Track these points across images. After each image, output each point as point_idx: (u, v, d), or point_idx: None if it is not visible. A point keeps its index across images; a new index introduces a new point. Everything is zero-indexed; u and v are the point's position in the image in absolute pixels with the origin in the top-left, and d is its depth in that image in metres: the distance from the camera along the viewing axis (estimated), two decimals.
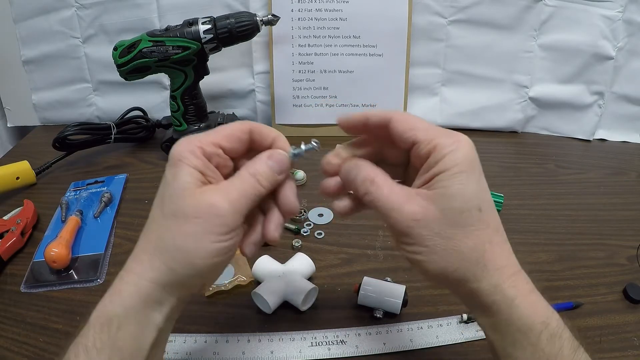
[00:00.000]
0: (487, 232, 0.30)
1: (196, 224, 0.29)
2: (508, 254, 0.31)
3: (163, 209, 0.30)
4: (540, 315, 0.30)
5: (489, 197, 0.31)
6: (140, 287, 0.30)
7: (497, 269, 0.30)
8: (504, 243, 0.31)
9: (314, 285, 0.48)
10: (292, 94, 0.81)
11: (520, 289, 0.30)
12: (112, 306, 0.30)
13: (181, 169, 0.30)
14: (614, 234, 0.60)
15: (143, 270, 0.30)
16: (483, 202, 0.30)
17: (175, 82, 0.69)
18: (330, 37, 0.77)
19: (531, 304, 0.30)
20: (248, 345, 0.45)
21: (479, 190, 0.30)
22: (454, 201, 0.29)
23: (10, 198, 0.67)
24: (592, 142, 0.83)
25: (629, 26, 0.75)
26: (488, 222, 0.30)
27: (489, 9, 0.76)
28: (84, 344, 0.29)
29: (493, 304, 0.30)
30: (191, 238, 0.29)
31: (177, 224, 0.29)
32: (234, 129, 0.32)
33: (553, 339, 0.29)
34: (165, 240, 0.30)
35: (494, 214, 0.31)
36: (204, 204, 0.29)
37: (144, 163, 0.76)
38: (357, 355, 0.44)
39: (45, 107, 0.88)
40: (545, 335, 0.29)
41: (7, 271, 0.55)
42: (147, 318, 0.30)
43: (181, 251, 0.29)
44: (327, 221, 0.62)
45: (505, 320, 0.30)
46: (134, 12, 0.78)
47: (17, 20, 0.81)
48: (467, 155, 0.30)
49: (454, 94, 0.83)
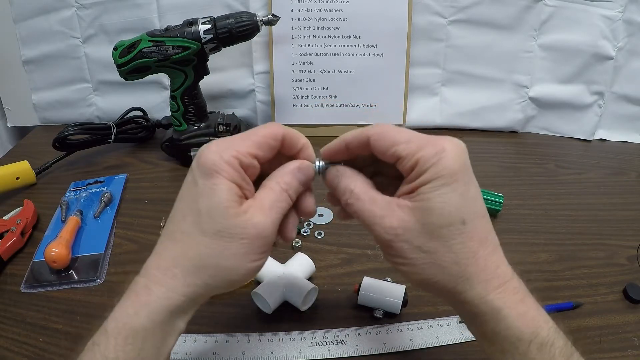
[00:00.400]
0: (471, 245, 0.29)
1: (242, 246, 0.29)
2: (495, 265, 0.30)
3: (202, 225, 0.29)
4: (529, 325, 0.29)
5: (477, 207, 0.30)
6: (171, 301, 0.29)
7: (481, 281, 0.29)
8: (491, 254, 0.30)
9: (314, 285, 0.48)
10: (292, 94, 0.81)
11: (507, 300, 0.29)
12: (139, 319, 0.29)
13: (219, 183, 0.29)
14: (614, 234, 0.60)
15: (176, 286, 0.30)
16: (468, 214, 0.29)
17: (175, 82, 0.69)
18: (330, 37, 0.77)
19: (520, 314, 0.29)
20: (248, 345, 0.45)
21: (463, 203, 0.29)
22: (435, 216, 0.28)
23: (10, 198, 0.67)
24: (592, 142, 0.83)
25: (629, 26, 0.75)
26: (472, 235, 0.29)
27: (489, 9, 0.76)
28: (104, 354, 0.28)
29: (479, 315, 0.30)
30: (235, 257, 0.29)
31: (222, 244, 0.29)
32: (268, 136, 0.31)
33: (543, 348, 0.29)
34: (206, 259, 0.29)
35: (480, 224, 0.30)
36: (249, 225, 0.29)
37: (144, 163, 0.76)
38: (357, 355, 0.44)
39: (45, 107, 0.88)
40: (535, 345, 0.29)
41: (7, 271, 0.55)
42: (172, 327, 0.30)
43: (223, 270, 0.29)
44: (327, 221, 0.62)
45: (492, 330, 0.29)
46: (134, 12, 0.78)
47: (17, 20, 0.81)
48: (451, 166, 0.29)
49: (454, 94, 0.83)
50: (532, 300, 0.30)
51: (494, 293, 0.29)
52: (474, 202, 0.30)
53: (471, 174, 0.30)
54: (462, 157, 0.30)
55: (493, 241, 0.30)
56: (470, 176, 0.30)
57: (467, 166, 0.30)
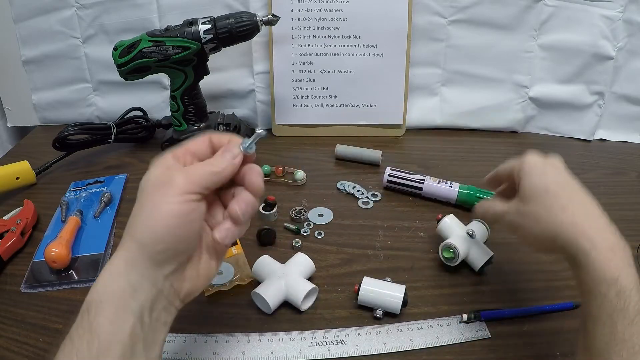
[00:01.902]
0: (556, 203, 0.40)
1: (155, 194, 0.33)
2: (584, 218, 0.39)
3: (137, 198, 0.35)
4: (612, 270, 0.34)
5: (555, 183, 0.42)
6: (113, 269, 0.33)
7: (573, 225, 0.38)
8: (579, 211, 0.40)
9: (314, 285, 0.49)
10: (292, 94, 0.81)
11: (596, 244, 0.36)
12: (92, 292, 0.32)
13: (152, 167, 0.35)
14: None
15: (117, 253, 0.33)
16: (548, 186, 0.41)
17: (175, 82, 0.69)
18: (330, 37, 0.77)
19: (607, 259, 0.35)
20: (248, 345, 0.45)
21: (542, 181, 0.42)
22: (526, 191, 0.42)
23: (10, 198, 0.67)
24: (592, 142, 0.83)
25: (629, 26, 0.75)
26: (556, 196, 0.41)
27: (489, 9, 0.76)
28: (70, 334, 0.31)
29: (575, 255, 0.37)
30: (150, 204, 0.33)
31: (141, 200, 0.34)
32: (197, 139, 0.38)
33: (621, 294, 0.33)
34: (133, 216, 0.34)
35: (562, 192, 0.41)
36: (164, 178, 0.34)
37: (144, 163, 0.76)
38: (357, 355, 0.44)
39: (45, 107, 0.88)
40: (614, 290, 0.34)
41: (7, 271, 0.55)
42: (123, 302, 0.32)
43: (142, 218, 0.33)
44: (327, 221, 0.62)
45: (583, 272, 0.36)
46: (134, 12, 0.78)
47: (17, 20, 0.81)
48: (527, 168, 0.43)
49: (454, 94, 0.83)
50: (624, 255, 0.36)
51: (583, 236, 0.37)
52: (553, 180, 0.42)
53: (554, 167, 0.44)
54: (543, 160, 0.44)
55: (580, 204, 0.41)
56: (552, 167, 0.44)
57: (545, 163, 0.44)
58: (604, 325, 0.33)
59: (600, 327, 0.34)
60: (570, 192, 0.41)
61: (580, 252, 0.36)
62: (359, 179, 0.70)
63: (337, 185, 0.69)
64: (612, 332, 0.33)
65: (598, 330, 0.34)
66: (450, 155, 0.77)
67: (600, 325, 0.34)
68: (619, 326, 0.33)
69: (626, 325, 0.32)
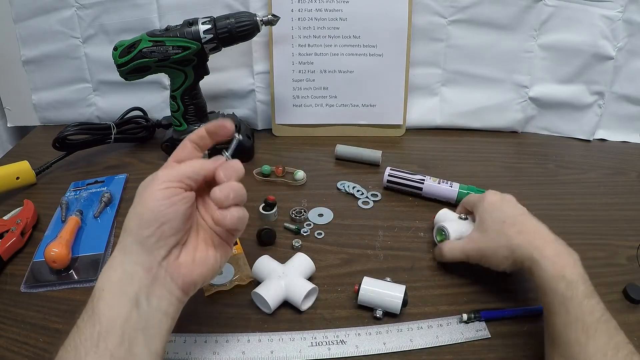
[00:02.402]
0: (512, 230, 0.48)
1: (144, 192, 0.37)
2: (534, 236, 0.46)
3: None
4: (558, 269, 0.41)
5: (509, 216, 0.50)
6: (112, 260, 0.36)
7: (525, 245, 0.45)
8: (530, 233, 0.47)
9: (314, 285, 0.49)
10: (292, 94, 0.81)
11: (545, 253, 0.43)
12: (96, 284, 0.35)
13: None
14: (614, 234, 0.60)
15: (116, 247, 0.37)
16: (506, 217, 0.50)
17: (175, 82, 0.69)
18: (330, 37, 0.77)
19: (552, 262, 0.42)
20: (248, 345, 0.45)
21: (500, 214, 0.50)
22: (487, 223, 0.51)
23: (10, 198, 0.67)
24: (592, 142, 0.83)
25: (629, 26, 0.75)
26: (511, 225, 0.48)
27: (489, 9, 0.76)
28: (77, 322, 0.34)
29: (530, 266, 0.44)
30: (139, 198, 0.37)
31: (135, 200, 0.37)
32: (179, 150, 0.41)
33: (569, 285, 0.40)
34: (128, 214, 0.37)
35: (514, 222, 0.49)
36: (150, 178, 0.38)
37: (144, 163, 0.76)
38: (357, 355, 0.44)
39: (45, 107, 0.88)
40: (563, 283, 0.40)
41: (7, 271, 0.55)
42: (120, 289, 0.34)
43: (133, 211, 0.36)
44: (327, 221, 0.62)
45: (537, 275, 0.43)
46: (134, 12, 0.78)
47: (17, 20, 0.81)
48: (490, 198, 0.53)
49: (454, 94, 0.83)
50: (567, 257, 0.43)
51: (535, 251, 0.44)
52: (508, 213, 0.50)
53: (506, 202, 0.52)
54: (496, 196, 0.53)
55: (529, 229, 0.47)
56: (505, 203, 0.52)
57: (500, 199, 0.53)
58: (559, 314, 0.39)
59: (557, 316, 0.40)
60: (523, 220, 0.49)
61: (534, 262, 0.43)
62: (359, 179, 0.70)
63: (337, 185, 0.69)
64: (566, 317, 0.39)
65: (556, 320, 0.39)
66: (450, 155, 0.77)
67: (557, 315, 0.40)
68: (571, 310, 0.39)
69: (576, 308, 0.38)
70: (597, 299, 0.40)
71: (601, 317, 0.38)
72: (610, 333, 0.37)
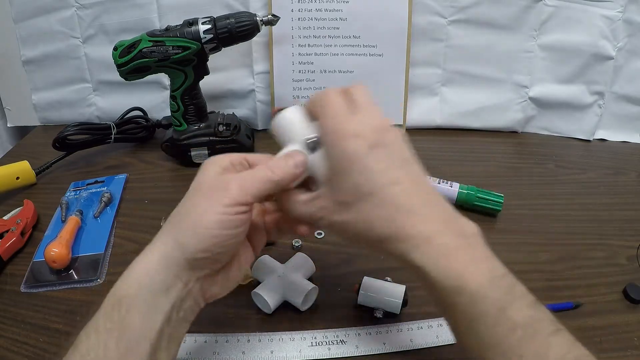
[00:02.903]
0: (381, 212, 0.32)
1: (206, 198, 0.32)
2: (411, 224, 0.32)
3: (186, 195, 0.34)
4: (452, 279, 0.30)
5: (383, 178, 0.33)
6: (148, 264, 0.32)
7: (401, 242, 0.32)
8: (408, 216, 0.32)
9: (314, 285, 0.49)
10: (292, 94, 0.81)
11: (429, 256, 0.31)
12: (123, 286, 0.32)
13: (207, 165, 0.35)
14: (614, 234, 0.60)
15: (154, 247, 0.33)
16: (373, 186, 0.32)
17: (175, 82, 0.69)
18: (330, 37, 0.77)
19: (442, 268, 0.31)
20: (248, 345, 0.45)
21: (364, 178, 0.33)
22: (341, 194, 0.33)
23: (10, 198, 0.67)
24: (592, 142, 0.83)
25: (629, 26, 0.75)
26: (382, 202, 0.32)
27: (489, 9, 0.76)
28: (95, 325, 0.30)
29: (412, 269, 0.32)
30: (199, 208, 0.32)
31: (192, 200, 0.33)
32: (260, 155, 0.38)
33: (474, 300, 0.30)
34: (179, 214, 0.33)
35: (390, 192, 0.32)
36: (218, 183, 0.33)
37: (144, 163, 0.76)
38: (357, 355, 0.44)
39: (45, 107, 0.88)
40: (465, 298, 0.30)
41: (7, 271, 0.55)
42: (155, 301, 0.31)
43: (189, 220, 0.32)
44: None
45: (425, 282, 0.32)
46: (134, 12, 0.78)
47: (17, 20, 0.81)
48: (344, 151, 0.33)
49: (454, 94, 0.83)
50: (466, 254, 0.31)
51: (414, 252, 0.31)
52: (380, 174, 0.33)
53: (379, 150, 0.33)
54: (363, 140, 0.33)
55: (412, 203, 0.33)
56: (376, 153, 0.33)
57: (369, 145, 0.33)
58: (468, 335, 0.31)
59: (465, 336, 0.31)
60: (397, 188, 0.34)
61: (414, 268, 0.32)
62: None
63: None
64: (480, 341, 0.30)
65: (465, 339, 0.31)
66: (450, 155, 0.77)
67: (464, 335, 0.31)
68: (482, 334, 0.29)
69: (490, 329, 0.29)
70: (519, 302, 0.30)
71: (526, 332, 0.28)
72: (539, 351, 0.28)
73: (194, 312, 0.35)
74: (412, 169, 0.34)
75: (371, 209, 0.32)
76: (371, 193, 0.32)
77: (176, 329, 0.33)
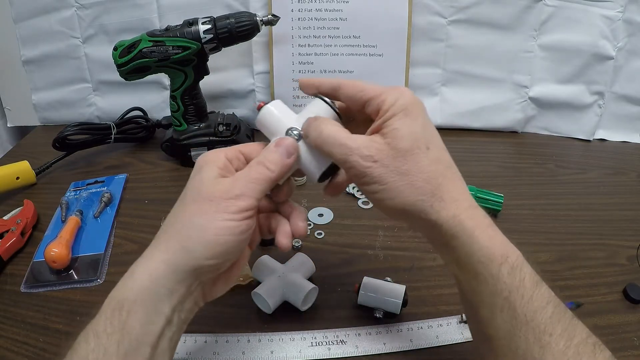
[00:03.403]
0: (439, 168, 0.33)
1: (211, 205, 0.32)
2: (462, 189, 0.34)
3: (185, 199, 0.34)
4: (499, 248, 0.31)
5: (437, 139, 0.35)
6: (152, 270, 0.32)
7: (453, 200, 0.32)
8: (458, 179, 0.34)
9: (314, 285, 0.49)
10: (292, 94, 0.81)
11: (478, 222, 0.32)
12: (124, 290, 0.31)
13: (204, 166, 0.34)
14: (614, 234, 0.60)
15: (157, 252, 0.32)
16: (430, 141, 0.34)
17: (175, 82, 0.69)
18: (330, 37, 0.77)
19: (490, 237, 0.32)
20: (248, 345, 0.45)
21: (425, 131, 0.34)
22: (404, 140, 0.32)
23: (10, 198, 0.67)
24: (592, 142, 0.83)
25: (629, 26, 0.75)
26: (439, 158, 0.34)
27: (489, 9, 0.76)
28: (95, 329, 0.30)
29: (453, 237, 0.32)
30: (206, 216, 0.32)
31: (197, 205, 0.33)
32: (251, 143, 0.38)
33: (514, 271, 0.30)
34: (183, 220, 0.33)
35: (444, 153, 0.34)
36: (218, 189, 0.33)
37: (144, 163, 0.76)
38: (357, 355, 0.44)
39: (45, 107, 0.88)
40: (506, 268, 0.30)
41: (7, 271, 0.55)
42: (157, 305, 0.31)
43: (196, 227, 0.32)
44: (327, 221, 0.62)
45: (466, 253, 0.32)
46: (134, 12, 0.78)
47: (17, 20, 0.81)
48: (410, 103, 0.33)
49: (454, 94, 0.83)
50: (497, 228, 0.33)
51: (465, 213, 0.32)
52: (432, 134, 0.34)
53: (427, 115, 0.35)
54: (418, 99, 0.34)
55: (456, 170, 0.35)
56: (427, 116, 0.35)
57: (423, 106, 0.35)
58: (501, 311, 0.30)
59: (497, 313, 0.30)
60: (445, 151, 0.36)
61: (462, 234, 0.31)
62: None
63: None
64: (512, 317, 0.30)
65: (497, 317, 0.30)
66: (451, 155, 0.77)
67: (497, 311, 0.30)
68: (518, 308, 0.29)
69: (525, 304, 0.29)
70: (544, 285, 0.31)
71: (554, 311, 0.29)
72: (567, 332, 0.29)
73: (193, 313, 0.35)
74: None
75: (428, 162, 0.33)
76: (428, 147, 0.33)
77: (176, 330, 0.33)
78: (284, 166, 0.35)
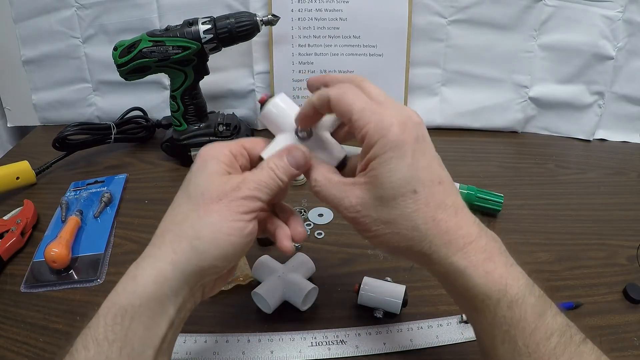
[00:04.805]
0: (427, 211, 0.30)
1: (220, 204, 0.31)
2: (457, 227, 0.31)
3: (189, 193, 0.33)
4: (496, 283, 0.30)
5: (429, 175, 0.31)
6: (158, 271, 0.30)
7: (443, 243, 0.31)
8: (452, 217, 0.31)
9: (314, 285, 0.49)
10: (292, 94, 0.81)
11: (472, 260, 0.30)
12: (126, 295, 0.30)
13: (209, 160, 0.33)
14: (614, 234, 0.60)
15: (163, 253, 0.31)
16: (419, 182, 0.30)
17: (175, 82, 0.69)
18: (330, 37, 0.77)
19: (486, 272, 0.30)
20: (248, 345, 0.45)
21: (413, 172, 0.30)
22: (386, 189, 0.30)
23: (10, 198, 0.67)
24: (592, 142, 0.83)
25: (629, 26, 0.75)
26: (427, 201, 0.30)
27: (489, 9, 0.76)
28: (94, 335, 0.29)
29: (449, 274, 0.31)
30: (217, 215, 0.31)
31: (204, 204, 0.31)
32: (254, 138, 0.38)
33: (513, 305, 0.29)
34: (192, 219, 0.31)
35: (436, 191, 0.31)
36: (229, 187, 0.32)
37: (144, 163, 0.76)
38: (357, 355, 0.44)
39: (45, 107, 0.88)
40: (505, 302, 0.29)
41: (7, 271, 0.55)
42: (162, 308, 0.30)
43: (207, 227, 0.31)
44: (327, 221, 0.62)
45: (463, 287, 0.31)
46: (134, 12, 0.78)
47: (17, 20, 0.81)
48: (395, 140, 0.30)
49: (454, 94, 0.83)
50: (503, 258, 0.31)
51: (458, 254, 0.30)
52: (425, 171, 0.31)
53: (422, 145, 0.31)
54: (410, 130, 0.31)
55: (454, 204, 0.31)
56: (421, 147, 0.31)
57: (415, 138, 0.31)
58: (502, 343, 0.30)
59: (499, 344, 0.30)
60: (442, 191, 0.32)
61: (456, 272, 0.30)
62: None
63: None
64: (513, 349, 0.29)
65: (498, 348, 0.30)
66: (450, 155, 0.77)
67: (498, 343, 0.30)
68: (519, 341, 0.29)
69: (527, 337, 0.29)
70: (552, 308, 0.30)
71: (559, 342, 0.28)
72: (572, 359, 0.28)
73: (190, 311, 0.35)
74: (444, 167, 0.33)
75: (415, 208, 0.30)
76: (415, 190, 0.30)
77: (176, 331, 0.33)
78: (292, 176, 0.35)
